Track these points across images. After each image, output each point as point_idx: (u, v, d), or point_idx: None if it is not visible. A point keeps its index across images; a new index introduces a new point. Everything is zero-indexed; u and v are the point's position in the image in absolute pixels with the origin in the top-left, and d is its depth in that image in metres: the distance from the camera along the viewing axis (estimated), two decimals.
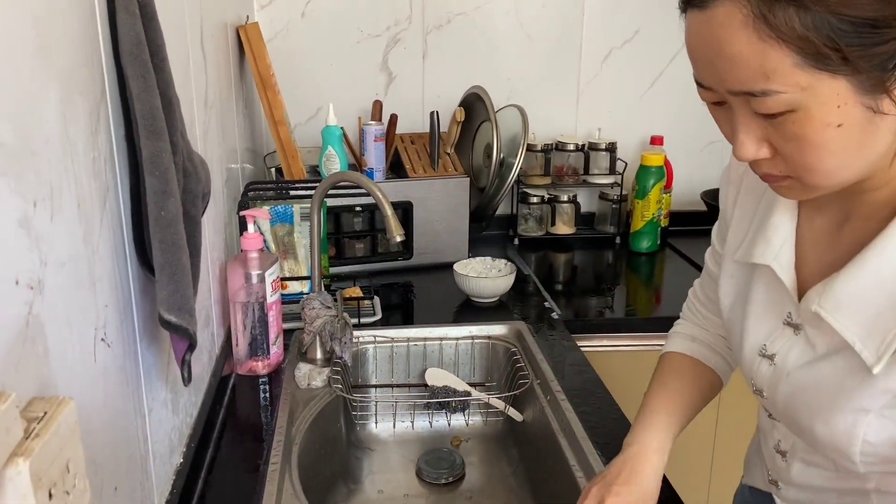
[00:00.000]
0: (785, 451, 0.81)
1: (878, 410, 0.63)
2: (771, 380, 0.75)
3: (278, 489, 0.98)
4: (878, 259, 0.62)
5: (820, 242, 0.71)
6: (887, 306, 0.61)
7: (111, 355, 0.71)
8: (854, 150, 0.58)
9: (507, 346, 1.46)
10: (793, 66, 0.55)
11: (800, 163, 0.60)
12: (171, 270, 0.73)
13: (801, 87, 0.55)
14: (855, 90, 0.55)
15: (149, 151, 0.72)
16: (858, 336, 0.63)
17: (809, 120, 0.57)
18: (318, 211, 1.31)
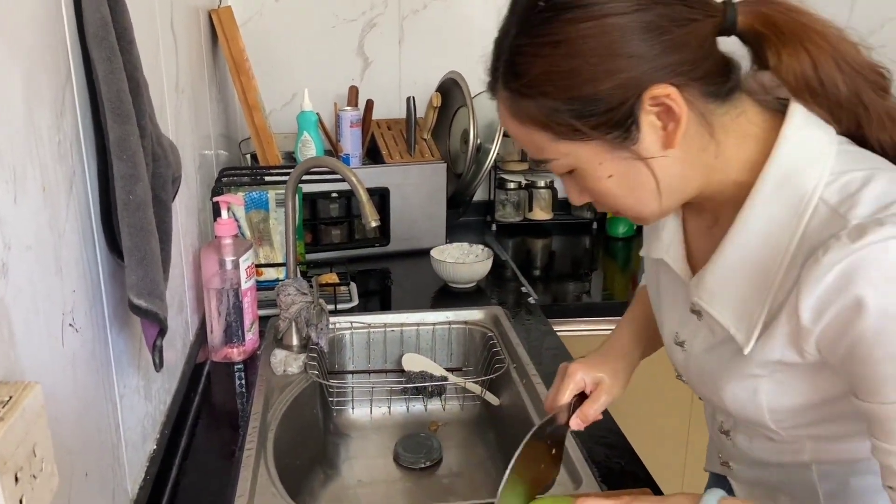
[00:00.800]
0: (728, 429, 0.85)
1: (769, 377, 0.69)
2: (684, 364, 0.81)
3: (253, 474, 0.98)
4: (734, 250, 0.68)
5: (700, 239, 0.77)
6: (750, 290, 0.67)
7: (80, 341, 0.70)
8: (635, 191, 0.68)
9: (483, 331, 1.47)
10: (550, 141, 0.66)
11: (607, 206, 0.71)
12: (140, 255, 0.73)
13: (565, 154, 0.67)
14: (606, 149, 0.65)
15: (116, 135, 0.71)
16: (732, 321, 0.69)
17: (586, 177, 0.68)
18: (292, 197, 1.30)
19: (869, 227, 0.58)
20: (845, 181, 0.63)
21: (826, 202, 0.63)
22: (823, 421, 0.71)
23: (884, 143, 0.68)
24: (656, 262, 0.83)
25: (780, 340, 0.65)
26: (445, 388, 1.41)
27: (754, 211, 0.66)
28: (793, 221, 0.64)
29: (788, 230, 0.64)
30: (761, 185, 0.66)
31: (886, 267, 0.57)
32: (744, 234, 0.67)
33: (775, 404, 0.70)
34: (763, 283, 0.66)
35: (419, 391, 1.40)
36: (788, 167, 0.65)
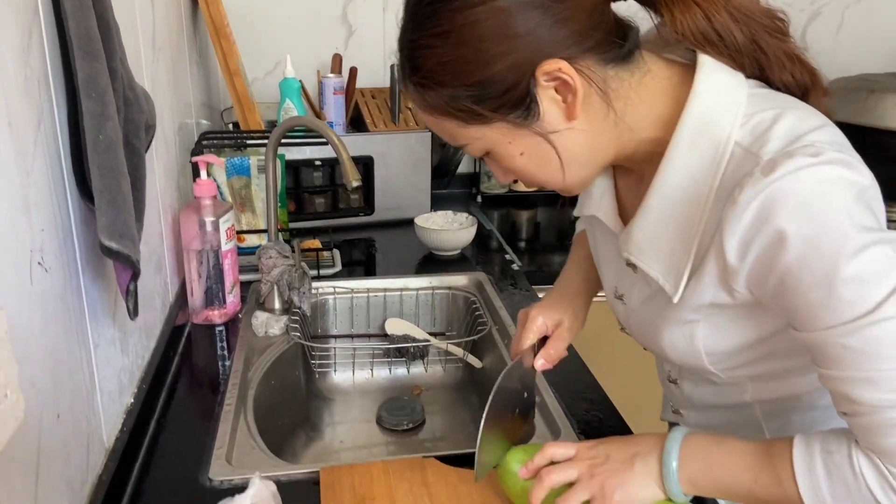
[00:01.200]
0: (675, 378, 0.88)
1: (704, 321, 0.71)
2: (625, 317, 0.83)
3: (232, 428, 0.98)
4: (656, 202, 0.70)
5: (629, 195, 0.79)
6: (675, 241, 0.69)
7: (50, 281, 0.69)
8: (551, 165, 0.69)
9: (467, 295, 1.47)
10: (459, 127, 0.68)
11: (528, 182, 0.73)
12: (110, 196, 0.72)
13: (476, 138, 0.69)
14: (510, 128, 0.67)
15: (85, 73, 0.70)
16: (660, 272, 0.71)
17: (501, 157, 0.70)
18: (273, 158, 1.29)
19: (779, 160, 0.59)
20: (756, 122, 0.64)
21: (740, 144, 0.64)
22: (760, 360, 0.73)
23: (787, 83, 0.70)
24: (590, 219, 0.84)
25: (709, 283, 0.67)
26: (428, 351, 1.41)
27: (673, 163, 0.68)
28: (711, 169, 0.65)
29: (708, 177, 0.65)
30: (678, 137, 0.67)
31: (801, 196, 0.58)
32: (665, 187, 0.68)
33: (711, 347, 0.72)
34: (687, 231, 0.68)
35: (402, 354, 1.39)
36: (703, 117, 0.66)
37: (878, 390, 0.59)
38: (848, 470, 0.62)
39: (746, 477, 0.67)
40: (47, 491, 0.66)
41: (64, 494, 0.71)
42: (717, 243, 0.64)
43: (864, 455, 0.62)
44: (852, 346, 0.59)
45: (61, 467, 0.70)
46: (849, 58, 2.18)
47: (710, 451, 0.70)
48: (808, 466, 0.64)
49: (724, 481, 0.69)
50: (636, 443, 0.74)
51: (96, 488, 0.79)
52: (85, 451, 0.78)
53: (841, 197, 0.59)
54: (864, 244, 0.57)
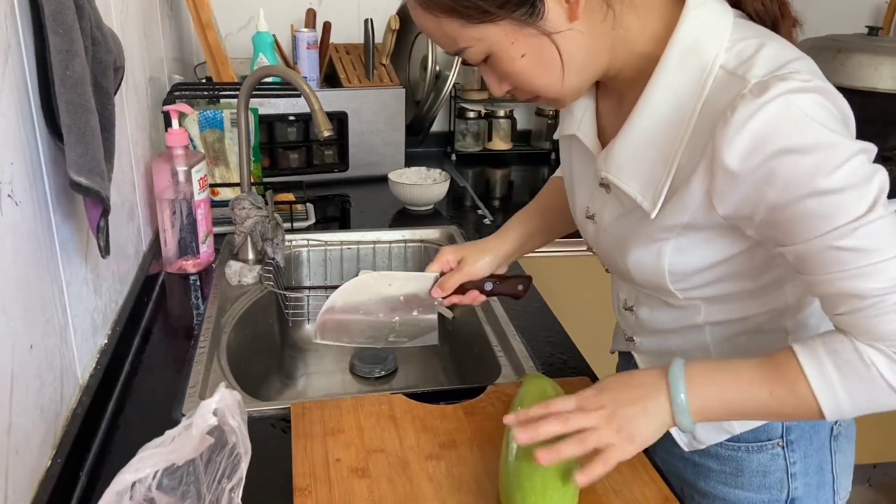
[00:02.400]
0: (632, 305, 0.90)
1: (673, 240, 0.73)
2: (594, 236, 0.85)
3: (206, 369, 1.00)
4: (641, 121, 0.71)
5: (610, 118, 0.80)
6: (656, 159, 0.71)
7: (20, 215, 0.70)
8: (552, 68, 0.70)
9: (439, 248, 1.49)
10: (461, 27, 0.68)
11: (523, 89, 0.73)
12: (78, 132, 0.73)
13: (477, 39, 0.68)
14: (515, 27, 0.67)
15: (51, 8, 0.71)
16: (639, 190, 0.73)
17: (501, 59, 0.70)
18: (245, 108, 1.29)
19: (770, 82, 0.62)
20: (740, 48, 0.67)
21: (724, 67, 0.66)
22: (716, 281, 0.77)
23: (758, 11, 0.72)
24: (569, 139, 0.87)
25: (690, 202, 0.69)
26: None
27: (660, 82, 0.69)
28: (696, 89, 0.67)
29: (692, 98, 0.68)
30: (666, 57, 0.69)
31: (794, 115, 0.61)
32: (650, 105, 0.70)
33: (676, 266, 0.75)
34: (668, 150, 0.70)
35: None
36: (692, 38, 0.68)
37: (877, 280, 0.63)
38: (858, 362, 0.65)
39: (761, 393, 0.68)
40: (21, 418, 0.68)
41: (38, 423, 0.73)
42: (706, 163, 0.66)
43: (868, 346, 0.65)
44: (848, 247, 0.63)
45: (34, 396, 0.72)
46: (818, 19, 2.21)
47: (717, 377, 0.71)
48: (819, 368, 0.66)
49: (737, 402, 0.70)
50: (639, 384, 0.72)
51: (70, 421, 0.82)
52: (59, 384, 0.80)
53: (828, 116, 0.63)
54: (850, 153, 0.62)
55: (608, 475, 0.71)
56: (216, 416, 0.55)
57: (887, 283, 0.63)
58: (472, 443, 0.85)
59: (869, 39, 2.00)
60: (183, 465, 0.58)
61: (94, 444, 0.84)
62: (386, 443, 0.84)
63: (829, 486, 0.88)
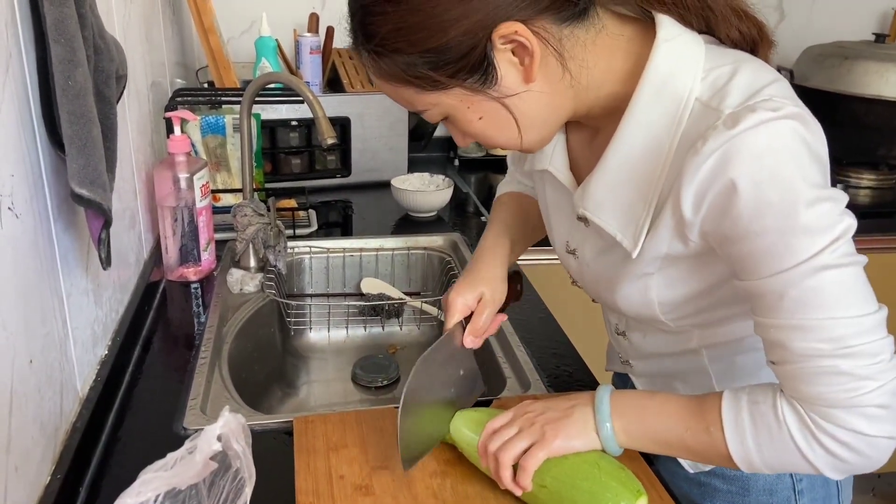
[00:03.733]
0: (623, 330, 0.89)
1: (658, 273, 0.73)
2: (578, 271, 0.84)
3: (207, 381, 0.99)
4: (616, 158, 0.70)
5: (583, 152, 0.79)
6: (635, 196, 0.70)
7: (21, 227, 0.69)
8: (506, 128, 0.69)
9: (442, 256, 1.48)
10: (416, 94, 0.67)
11: (488, 144, 0.73)
12: (80, 143, 0.71)
13: (433, 104, 0.68)
14: (468, 93, 0.66)
15: (53, 17, 0.69)
16: (618, 228, 0.72)
17: (459, 121, 0.70)
18: (248, 114, 1.28)
19: (741, 114, 0.61)
20: (714, 77, 0.65)
21: (699, 100, 0.65)
22: (707, 308, 0.75)
23: (733, 38, 0.70)
24: (541, 173, 0.85)
25: (665, 235, 0.68)
26: (403, 310, 1.43)
27: (634, 118, 0.68)
28: (671, 124, 0.66)
29: (668, 133, 0.66)
30: (640, 93, 0.67)
31: (758, 148, 0.60)
32: (625, 142, 0.69)
33: (665, 298, 0.74)
34: (646, 187, 0.69)
35: (377, 313, 1.41)
36: (664, 73, 0.66)
37: (810, 339, 0.61)
38: (772, 417, 0.65)
39: (679, 426, 0.70)
40: (20, 434, 0.67)
41: (37, 438, 0.72)
42: (674, 194, 0.65)
43: (787, 403, 0.65)
44: (791, 295, 0.61)
45: (34, 411, 0.71)
46: (824, 25, 2.20)
47: (644, 402, 0.73)
48: (735, 415, 0.67)
49: (656, 430, 0.72)
50: (573, 397, 0.77)
51: (70, 435, 0.80)
52: (59, 398, 0.78)
53: (796, 152, 0.61)
54: (812, 199, 0.60)
55: None
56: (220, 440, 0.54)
57: (822, 344, 0.61)
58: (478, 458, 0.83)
59: (875, 46, 1.99)
60: (185, 489, 0.56)
61: (94, 459, 0.83)
62: (390, 459, 0.83)
63: (834, 498, 0.87)
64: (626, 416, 0.73)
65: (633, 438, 0.73)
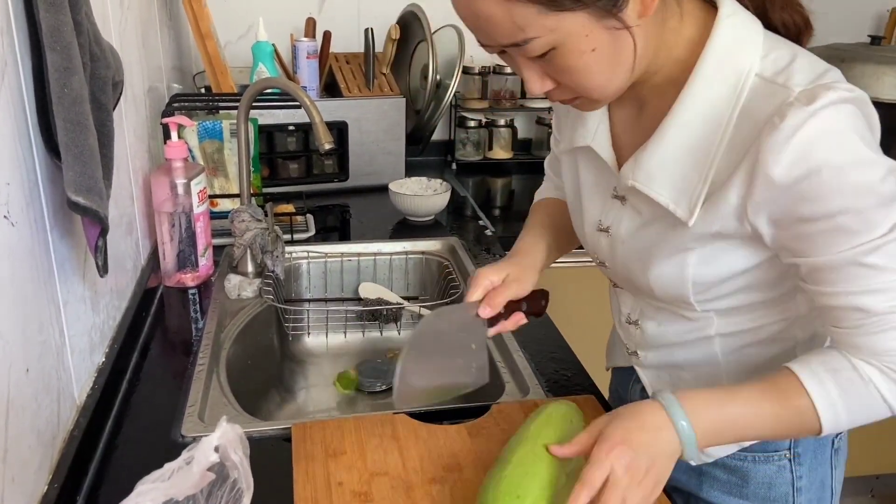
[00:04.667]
0: (636, 319, 0.89)
1: (699, 249, 0.73)
2: (609, 250, 0.84)
3: (205, 387, 0.99)
4: (675, 129, 0.71)
5: (627, 128, 0.79)
6: (690, 167, 0.70)
7: (17, 235, 0.69)
8: (614, 64, 0.67)
9: (440, 260, 1.48)
10: (537, 14, 0.62)
11: (576, 87, 0.69)
12: (76, 151, 0.71)
13: (550, 29, 0.63)
14: (594, 18, 0.63)
15: (48, 25, 0.69)
16: (671, 198, 0.72)
17: (568, 52, 0.65)
18: (245, 119, 1.28)
19: (817, 91, 0.62)
20: (774, 57, 0.67)
21: (761, 76, 0.66)
22: (736, 292, 0.76)
23: (786, 23, 0.73)
24: (576, 151, 0.85)
25: (724, 211, 0.69)
26: (401, 315, 1.43)
27: (695, 90, 0.69)
28: (731, 97, 0.67)
29: (727, 106, 0.68)
30: (702, 63, 0.69)
31: (839, 128, 0.62)
32: (684, 113, 0.70)
33: (700, 276, 0.75)
34: (703, 158, 0.70)
35: (375, 317, 1.41)
36: (727, 45, 0.68)
37: (886, 298, 0.65)
38: (859, 381, 0.67)
39: (770, 420, 0.70)
40: (17, 443, 0.67)
41: (34, 447, 0.71)
42: (745, 170, 0.66)
43: (866, 363, 0.67)
44: (871, 263, 0.64)
45: (31, 420, 0.71)
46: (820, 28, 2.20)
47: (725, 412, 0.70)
48: (823, 390, 0.68)
49: (747, 433, 0.72)
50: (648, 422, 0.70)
51: (68, 443, 0.80)
52: (56, 407, 0.78)
53: (866, 130, 0.64)
54: (884, 174, 0.63)
55: None
56: (217, 452, 0.54)
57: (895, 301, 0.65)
58: (477, 465, 0.83)
59: (871, 49, 1.99)
60: (182, 501, 0.56)
61: (92, 467, 0.83)
62: (389, 465, 0.83)
63: (828, 490, 0.88)
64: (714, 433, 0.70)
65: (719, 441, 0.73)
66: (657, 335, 0.86)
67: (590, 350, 1.23)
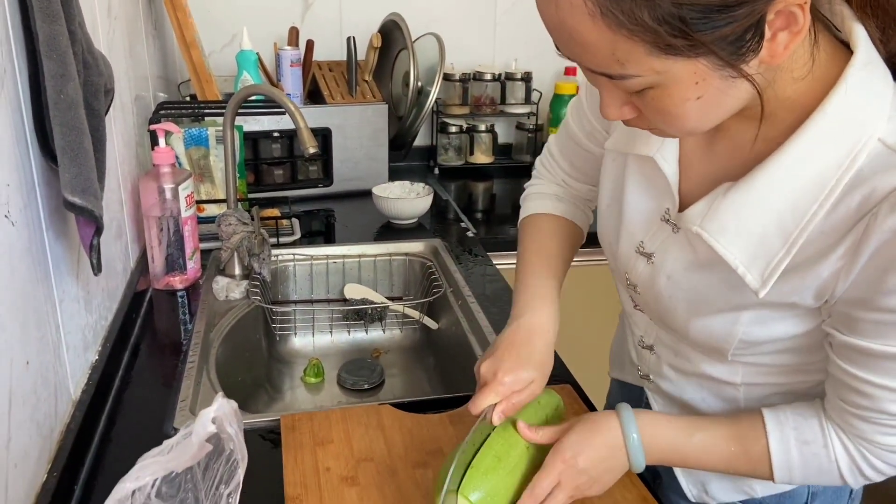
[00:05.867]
0: (651, 345, 0.83)
1: (755, 310, 0.67)
2: (648, 278, 0.75)
3: (196, 383, 1.02)
4: (767, 184, 0.62)
5: (696, 147, 0.71)
6: (772, 231, 0.62)
7: (16, 234, 0.72)
8: (718, 111, 0.60)
9: (423, 261, 1.52)
10: (646, 54, 0.54)
11: (663, 127, 0.61)
12: (73, 153, 0.75)
13: (657, 71, 0.55)
14: (711, 67, 0.55)
15: (45, 34, 0.73)
16: (742, 261, 0.64)
17: (669, 96, 0.57)
18: (231, 125, 1.31)
19: None
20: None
21: (883, 141, 0.58)
22: (778, 352, 0.71)
23: None
24: (626, 158, 0.76)
25: (809, 285, 0.62)
26: (386, 314, 1.46)
27: (802, 146, 0.60)
28: (844, 161, 0.59)
29: (837, 169, 0.59)
30: (822, 117, 0.59)
31: None
32: (788, 170, 0.61)
33: (749, 336, 0.68)
34: (792, 225, 0.61)
35: (361, 317, 1.44)
36: (853, 101, 0.59)
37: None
38: (824, 458, 0.68)
39: (721, 466, 0.72)
40: (18, 432, 0.70)
41: (34, 438, 0.75)
42: (849, 246, 0.59)
43: (839, 443, 0.67)
44: None
45: (31, 412, 0.74)
46: None
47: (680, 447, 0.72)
48: (786, 457, 0.69)
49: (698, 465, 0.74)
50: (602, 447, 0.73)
51: (64, 436, 0.83)
52: (53, 401, 0.81)
53: None
54: None
55: None
56: (215, 423, 0.57)
57: None
58: None
59: None
60: (181, 472, 0.60)
61: (88, 459, 0.86)
62: (374, 452, 0.86)
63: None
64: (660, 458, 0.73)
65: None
66: (675, 366, 0.80)
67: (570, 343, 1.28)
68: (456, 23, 2.10)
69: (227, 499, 0.55)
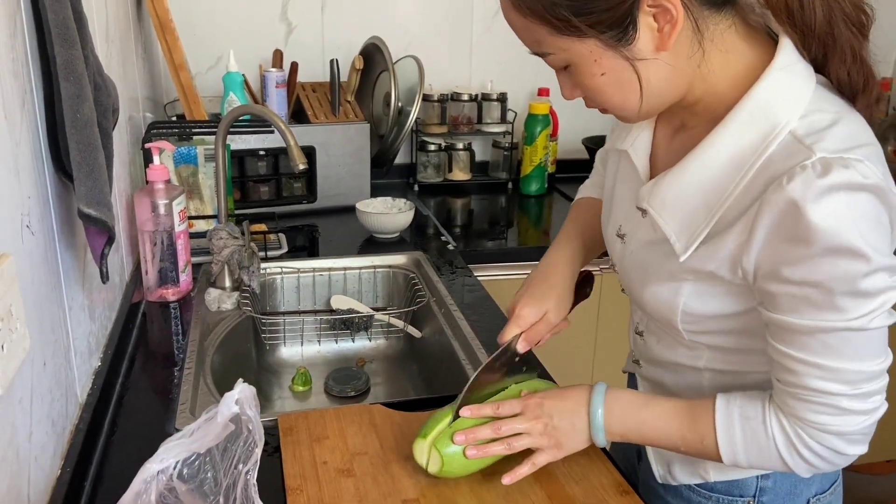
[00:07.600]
0: (642, 331, 0.92)
1: (693, 282, 0.75)
2: (620, 256, 0.86)
3: (194, 388, 1.07)
4: (697, 165, 0.72)
5: (664, 144, 0.82)
6: (700, 206, 0.72)
7: (35, 243, 0.77)
8: (625, 91, 0.71)
9: (406, 273, 1.58)
10: (549, 34, 0.69)
11: (596, 102, 0.74)
12: (88, 168, 0.80)
13: (563, 49, 0.70)
14: (602, 46, 0.68)
15: (63, 58, 0.79)
16: (674, 231, 0.75)
17: (580, 72, 0.71)
18: (222, 145, 1.37)
19: (834, 164, 0.62)
20: (815, 118, 0.67)
21: (793, 133, 0.66)
22: (724, 332, 0.78)
23: (841, 79, 0.70)
24: (621, 155, 0.87)
25: (721, 254, 0.70)
26: (372, 324, 1.52)
27: (725, 133, 0.70)
28: (758, 147, 0.68)
29: (752, 155, 0.68)
30: (740, 108, 0.69)
31: (838, 211, 0.62)
32: (710, 153, 0.71)
33: (689, 308, 0.76)
34: (714, 199, 0.71)
35: (347, 326, 1.50)
36: (768, 97, 0.68)
37: (829, 379, 0.68)
38: (762, 435, 0.73)
39: (674, 436, 0.78)
40: (38, 427, 0.75)
41: (50, 435, 0.79)
42: (747, 220, 0.67)
43: (776, 421, 0.72)
44: (821, 339, 0.66)
45: (47, 410, 0.79)
46: None
47: (639, 414, 0.80)
48: (728, 431, 0.74)
49: (652, 439, 0.81)
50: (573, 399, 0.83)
51: (74, 435, 0.88)
52: (65, 401, 0.86)
53: (871, 223, 0.63)
54: (873, 269, 0.63)
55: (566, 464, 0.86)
56: (237, 405, 0.63)
57: (838, 385, 0.67)
58: None
59: None
60: (202, 454, 0.65)
61: (95, 457, 0.90)
62: (368, 446, 0.92)
63: None
64: (622, 427, 0.80)
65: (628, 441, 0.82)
66: (656, 351, 0.89)
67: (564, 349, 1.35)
68: (434, 46, 2.19)
69: (246, 476, 0.60)
